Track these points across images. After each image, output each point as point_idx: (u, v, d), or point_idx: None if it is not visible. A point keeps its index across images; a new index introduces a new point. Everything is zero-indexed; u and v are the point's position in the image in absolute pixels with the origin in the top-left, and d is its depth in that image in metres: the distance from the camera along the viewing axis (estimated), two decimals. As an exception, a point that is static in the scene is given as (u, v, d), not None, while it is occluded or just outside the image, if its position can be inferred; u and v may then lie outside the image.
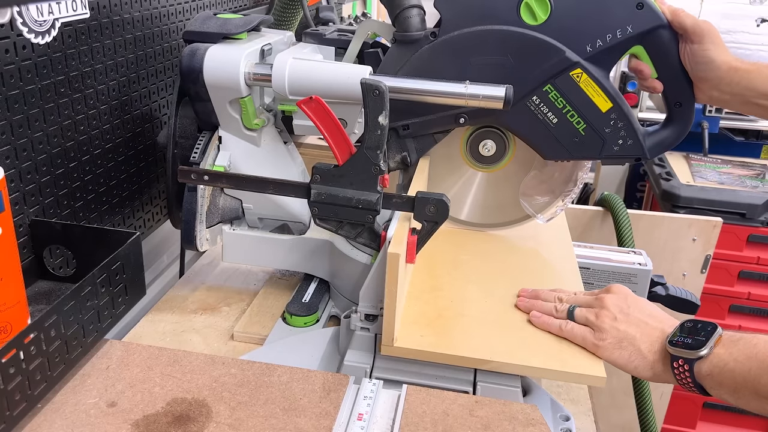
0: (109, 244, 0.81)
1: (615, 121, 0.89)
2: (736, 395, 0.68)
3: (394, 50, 0.91)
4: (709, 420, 1.96)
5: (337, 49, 0.99)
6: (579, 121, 0.90)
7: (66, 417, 0.68)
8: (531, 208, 1.01)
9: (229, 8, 1.39)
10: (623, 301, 0.80)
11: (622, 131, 0.90)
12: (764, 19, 2.58)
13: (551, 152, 0.93)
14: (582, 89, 0.88)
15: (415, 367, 0.79)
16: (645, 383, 1.35)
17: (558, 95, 0.88)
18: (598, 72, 0.87)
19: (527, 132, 0.92)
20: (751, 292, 1.90)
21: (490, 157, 0.99)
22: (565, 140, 0.91)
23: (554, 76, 0.87)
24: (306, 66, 0.87)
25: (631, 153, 0.91)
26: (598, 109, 0.89)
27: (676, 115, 0.93)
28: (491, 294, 0.89)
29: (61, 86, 0.88)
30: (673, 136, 0.93)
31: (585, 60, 0.86)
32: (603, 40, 0.86)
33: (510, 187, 1.02)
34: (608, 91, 0.88)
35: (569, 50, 0.86)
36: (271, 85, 0.88)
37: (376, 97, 0.76)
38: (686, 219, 1.56)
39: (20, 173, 0.83)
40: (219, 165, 0.95)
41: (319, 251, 1.00)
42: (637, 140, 0.90)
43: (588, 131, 0.90)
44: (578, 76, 0.87)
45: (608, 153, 0.91)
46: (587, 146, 0.91)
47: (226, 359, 0.78)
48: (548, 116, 0.90)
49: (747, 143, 2.29)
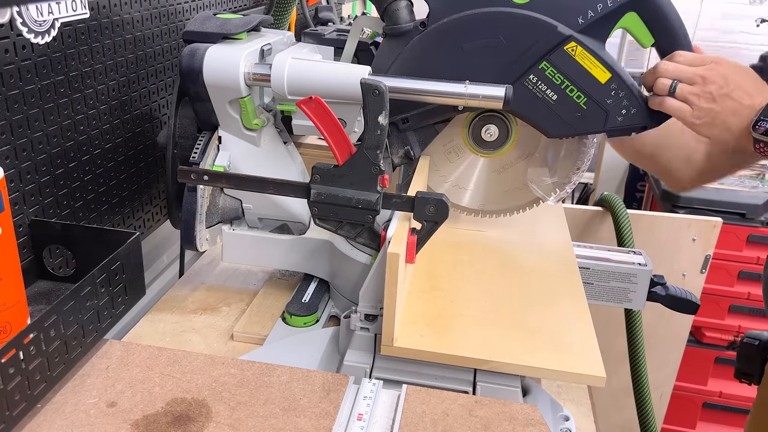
0: (108, 244, 0.81)
1: (616, 91, 0.87)
2: None
3: (386, 44, 0.90)
4: (709, 420, 1.97)
5: (336, 49, 0.99)
6: (579, 95, 0.88)
7: (66, 417, 0.68)
8: (540, 191, 0.99)
9: (228, 8, 1.39)
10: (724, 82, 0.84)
11: (625, 101, 0.88)
12: (764, 19, 2.59)
13: (555, 130, 0.91)
14: (578, 62, 0.86)
15: (415, 367, 0.79)
16: (645, 382, 1.35)
17: (555, 71, 0.87)
18: (593, 43, 0.85)
19: (528, 112, 0.90)
20: (750, 292, 1.90)
21: (494, 141, 0.98)
22: (567, 116, 0.89)
23: (549, 53, 0.86)
24: (305, 66, 0.87)
25: (636, 122, 0.89)
26: (597, 80, 0.87)
27: None
28: (491, 294, 0.89)
29: (61, 86, 0.88)
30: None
31: (578, 32, 0.85)
32: (594, 10, 0.85)
33: (516, 171, 1.00)
34: (605, 61, 0.86)
35: (561, 24, 0.85)
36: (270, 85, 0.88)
37: (376, 97, 0.76)
38: (686, 219, 1.56)
39: (20, 173, 0.83)
40: (219, 165, 0.95)
41: (319, 251, 1.00)
42: (641, 108, 0.88)
43: (589, 104, 0.88)
44: (573, 49, 0.85)
45: (613, 125, 0.89)
46: (590, 120, 0.89)
47: (225, 359, 0.78)
48: (547, 93, 0.88)
49: (747, 143, 2.29)
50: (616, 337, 1.42)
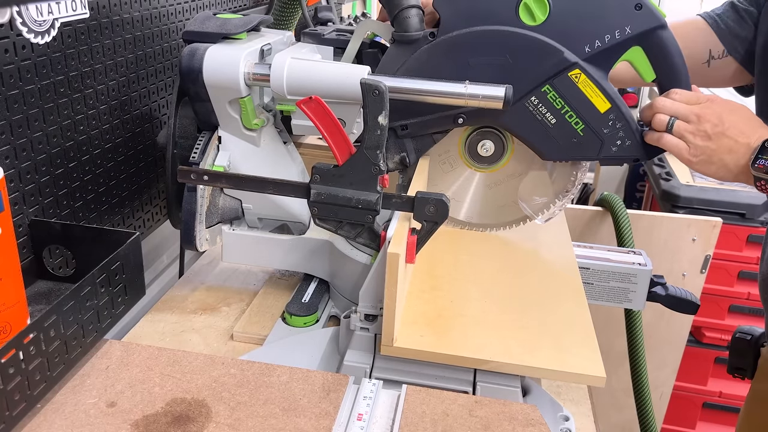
0: (108, 244, 0.80)
1: (613, 122, 0.89)
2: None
3: (393, 50, 0.91)
4: (709, 420, 1.97)
5: (335, 49, 0.99)
6: (577, 122, 0.89)
7: (65, 417, 0.68)
8: (529, 209, 1.01)
9: (228, 8, 1.39)
10: (719, 121, 0.84)
11: (621, 132, 0.90)
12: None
13: (550, 153, 0.93)
14: (580, 90, 0.88)
15: (415, 367, 0.79)
16: (645, 382, 1.36)
17: (556, 96, 0.88)
18: (596, 72, 0.87)
19: (526, 132, 0.92)
20: (750, 292, 1.90)
21: (489, 157, 0.99)
22: (563, 141, 0.91)
23: (553, 77, 0.87)
24: (304, 66, 0.87)
25: (630, 154, 0.91)
26: (597, 109, 0.89)
27: None
28: (491, 294, 0.89)
29: (61, 86, 0.88)
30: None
31: (583, 60, 0.86)
32: (602, 41, 0.86)
33: (508, 187, 1.02)
34: (607, 91, 0.88)
35: (568, 51, 0.86)
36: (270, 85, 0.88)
37: (376, 97, 0.76)
38: (686, 219, 1.56)
39: (20, 173, 0.83)
40: (218, 165, 0.95)
41: (319, 251, 1.00)
42: (636, 141, 0.90)
43: (586, 132, 0.90)
44: (577, 76, 0.87)
45: (606, 154, 0.91)
46: (586, 147, 0.91)
47: (225, 359, 0.78)
48: (547, 117, 0.90)
49: (746, 143, 2.29)
50: (616, 337, 1.42)
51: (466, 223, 1.06)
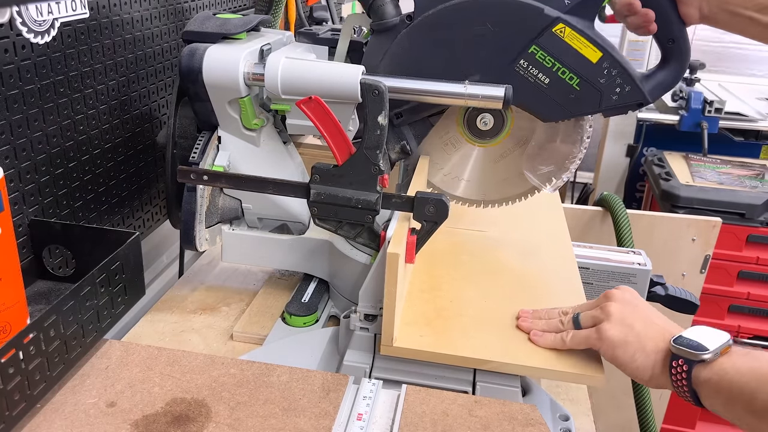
0: (108, 244, 0.81)
1: (608, 70, 0.86)
2: (729, 407, 0.66)
3: (374, 41, 0.89)
4: (709, 420, 1.97)
5: (330, 49, 0.99)
6: (572, 77, 0.87)
7: (65, 417, 0.68)
8: (536, 179, 0.98)
9: (228, 8, 1.39)
10: (631, 296, 0.78)
11: (618, 79, 0.86)
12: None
13: (549, 113, 0.90)
14: (568, 43, 0.85)
15: (415, 367, 0.79)
16: (644, 383, 1.35)
17: (545, 54, 0.86)
18: (581, 23, 0.84)
19: (521, 98, 0.88)
20: (750, 292, 1.90)
21: (489, 130, 0.96)
22: (561, 99, 0.88)
23: (537, 36, 0.85)
24: (298, 65, 0.87)
25: (632, 99, 0.88)
26: (589, 60, 0.86)
27: (671, 53, 0.89)
28: (490, 294, 0.89)
29: (61, 86, 0.88)
30: (671, 75, 0.90)
31: (565, 13, 0.84)
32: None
33: (513, 159, 0.99)
34: (595, 40, 0.85)
35: (547, 6, 0.84)
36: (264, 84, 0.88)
37: (376, 97, 0.76)
38: (685, 219, 1.56)
39: (19, 173, 0.83)
40: (218, 165, 0.95)
41: (319, 251, 1.00)
42: (635, 85, 0.87)
43: (583, 85, 0.87)
44: (561, 31, 0.84)
45: (608, 104, 0.88)
46: (585, 101, 0.88)
47: (225, 359, 0.78)
48: (539, 77, 0.87)
49: (746, 143, 2.29)
50: (616, 337, 1.42)
51: (474, 201, 1.04)
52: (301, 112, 0.79)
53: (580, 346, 0.77)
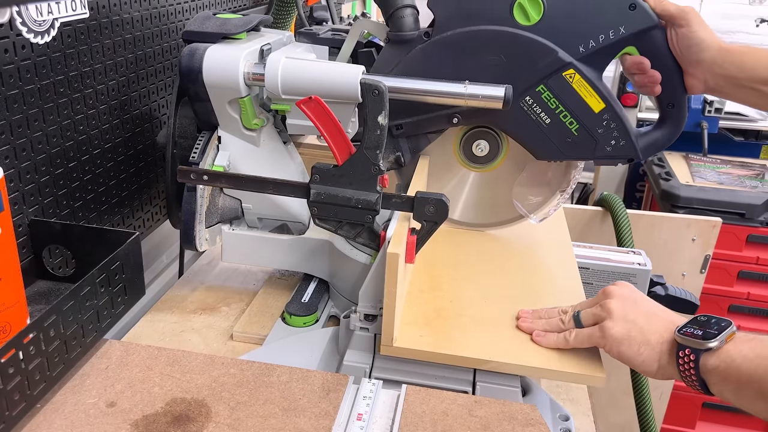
0: (108, 244, 0.80)
1: (608, 122, 0.89)
2: (739, 394, 0.66)
3: (388, 50, 0.91)
4: (709, 420, 1.97)
5: (330, 49, 0.99)
6: (572, 122, 0.90)
7: (65, 417, 0.68)
8: (524, 208, 1.01)
9: (228, 8, 1.39)
10: (630, 292, 0.78)
11: (615, 132, 0.90)
12: (764, 19, 2.59)
13: (544, 152, 0.93)
14: (575, 90, 0.88)
15: (415, 367, 0.79)
16: (645, 382, 1.36)
17: (551, 95, 0.88)
18: (591, 72, 0.87)
19: (520, 132, 0.92)
20: (750, 292, 1.90)
21: (484, 157, 0.99)
22: (557, 140, 0.91)
23: (547, 77, 0.87)
24: (299, 65, 0.87)
25: (624, 154, 0.91)
26: (591, 109, 0.89)
27: (669, 116, 0.92)
28: (490, 294, 0.89)
29: (61, 86, 0.88)
30: (666, 136, 0.93)
31: (578, 60, 0.86)
32: (596, 41, 0.86)
33: (503, 186, 1.02)
34: (601, 91, 0.88)
35: (562, 51, 0.86)
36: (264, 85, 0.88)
37: (376, 97, 0.76)
38: (685, 219, 1.56)
39: (19, 173, 0.83)
40: (218, 165, 0.95)
41: (319, 251, 1.00)
42: (630, 141, 0.90)
43: (581, 132, 0.90)
44: (571, 76, 0.87)
45: (601, 153, 0.91)
46: (580, 147, 0.91)
47: (225, 359, 0.78)
48: (541, 116, 0.90)
49: (746, 143, 2.29)
50: (616, 337, 1.42)
51: (461, 223, 1.06)
52: (301, 112, 0.79)
53: (583, 344, 0.77)
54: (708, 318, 0.72)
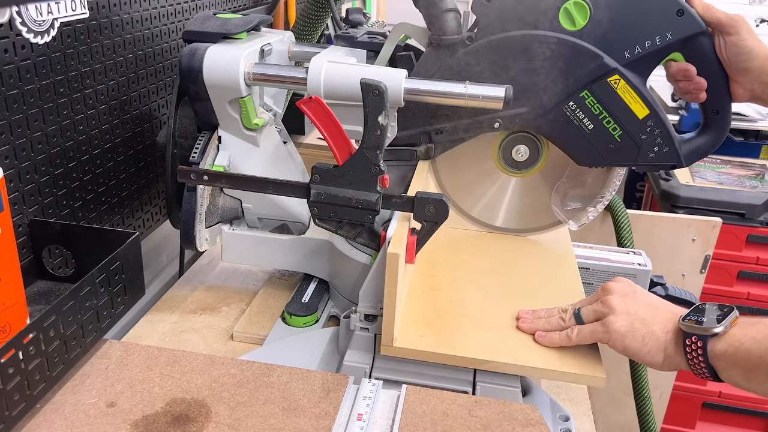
0: (108, 244, 0.80)
1: (651, 128, 0.88)
2: (749, 376, 0.66)
3: (430, 53, 0.90)
4: (709, 420, 1.96)
5: (368, 52, 0.99)
6: (615, 128, 0.89)
7: (65, 417, 0.68)
8: (563, 215, 1.00)
9: (228, 8, 1.39)
10: (629, 286, 0.78)
11: (659, 138, 0.89)
12: (764, 19, 2.59)
13: (586, 158, 0.92)
14: (619, 95, 0.87)
15: (415, 367, 0.79)
16: (645, 383, 1.35)
17: (595, 101, 0.88)
18: (635, 78, 0.86)
19: (562, 137, 0.91)
20: (750, 292, 1.90)
21: (523, 162, 0.98)
22: (600, 146, 0.90)
23: (592, 82, 0.87)
24: (342, 69, 0.87)
25: (667, 161, 0.90)
26: (635, 115, 0.88)
27: (713, 123, 0.92)
28: (491, 294, 0.89)
29: (61, 86, 0.88)
30: (709, 143, 0.92)
31: (623, 66, 0.86)
32: (642, 47, 0.85)
33: (542, 192, 1.01)
34: (645, 97, 0.87)
35: (607, 56, 0.85)
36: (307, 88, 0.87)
37: (376, 97, 0.76)
38: (685, 219, 1.56)
39: (19, 173, 0.83)
40: (218, 165, 0.95)
41: (319, 251, 1.00)
42: (673, 147, 0.89)
43: (624, 138, 0.89)
44: (616, 82, 0.86)
45: (643, 160, 0.90)
46: (622, 153, 0.90)
47: (225, 359, 0.78)
48: (584, 122, 0.89)
49: (746, 143, 2.29)
50: (616, 337, 1.42)
51: (502, 229, 1.06)
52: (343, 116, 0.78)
53: (586, 341, 0.77)
54: (709, 305, 0.72)
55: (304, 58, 1.03)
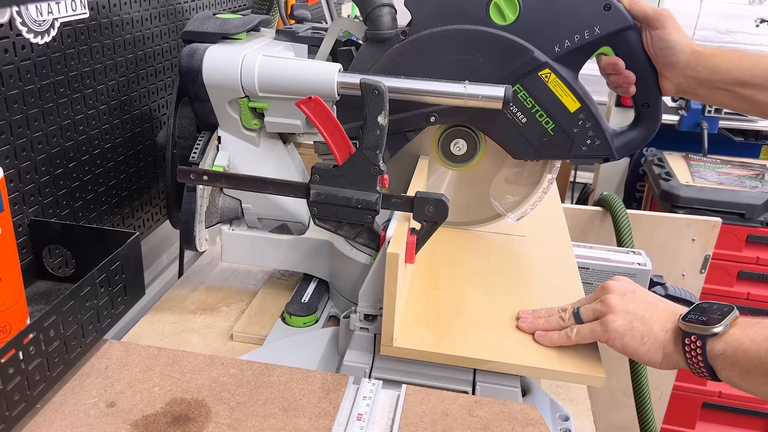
0: (108, 244, 0.81)
1: (583, 122, 0.90)
2: (748, 378, 0.66)
3: (365, 48, 0.91)
4: (709, 420, 1.97)
5: (310, 47, 0.99)
6: (548, 121, 0.90)
7: (65, 417, 0.68)
8: (501, 207, 1.01)
9: (228, 8, 1.39)
10: (628, 285, 0.79)
11: (591, 131, 0.90)
12: (763, 19, 2.59)
13: (521, 152, 0.93)
14: (550, 89, 0.88)
15: (415, 367, 0.79)
16: (645, 383, 1.36)
17: (527, 95, 0.89)
18: (566, 72, 0.88)
19: (497, 131, 0.92)
20: (750, 292, 1.90)
21: (462, 155, 0.99)
22: (534, 140, 0.91)
23: (523, 76, 0.88)
24: (275, 63, 0.88)
25: (600, 153, 0.92)
26: (567, 109, 0.89)
27: (644, 116, 0.93)
28: (490, 294, 0.89)
29: (61, 86, 0.88)
30: (641, 136, 0.94)
31: (553, 60, 0.87)
32: (571, 41, 0.86)
33: (481, 185, 1.02)
34: (576, 91, 0.88)
35: (538, 50, 0.87)
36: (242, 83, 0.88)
37: (376, 97, 0.76)
38: (685, 219, 1.56)
39: (19, 173, 0.83)
40: (218, 165, 0.95)
41: (319, 251, 1.00)
42: (605, 140, 0.91)
43: (557, 131, 0.90)
44: (547, 76, 0.87)
45: (577, 152, 0.92)
46: (556, 146, 0.91)
47: (225, 359, 0.78)
48: (517, 116, 0.90)
49: (746, 143, 2.29)
50: (616, 337, 1.42)
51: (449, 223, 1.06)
52: (281, 110, 0.80)
53: (585, 340, 0.77)
54: (709, 304, 0.72)
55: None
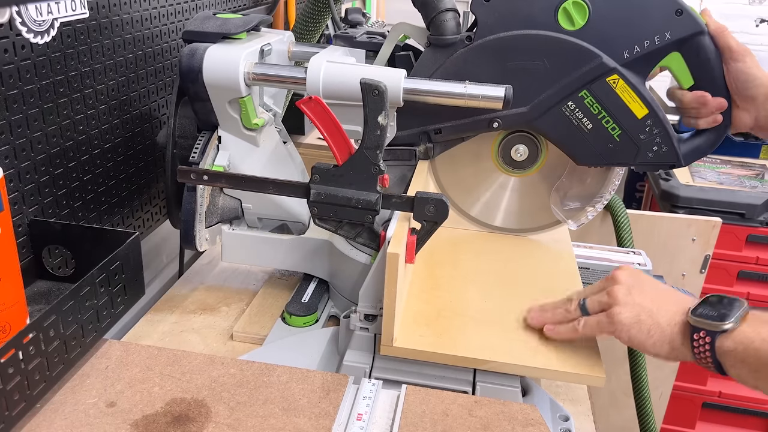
0: (108, 243, 0.80)
1: (650, 128, 0.88)
2: (758, 375, 0.66)
3: (429, 53, 0.90)
4: (709, 420, 1.97)
5: (367, 52, 0.99)
6: (614, 128, 0.89)
7: (65, 417, 0.68)
8: (561, 214, 1.00)
9: (228, 8, 1.39)
10: (635, 276, 0.78)
11: (657, 138, 0.89)
12: (763, 19, 2.59)
13: (585, 158, 0.92)
14: (618, 95, 0.87)
15: (415, 367, 0.79)
16: (645, 382, 1.35)
17: (594, 101, 0.87)
18: (634, 78, 0.86)
19: (561, 137, 0.91)
20: (750, 292, 1.90)
21: (522, 161, 0.98)
22: (599, 146, 0.90)
23: (590, 82, 0.86)
24: (340, 69, 0.87)
25: (666, 160, 0.90)
26: (634, 115, 0.88)
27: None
28: (491, 294, 0.89)
29: (60, 86, 0.88)
30: (708, 142, 0.92)
31: (622, 66, 0.86)
32: (641, 46, 0.85)
33: (541, 192, 1.01)
34: (644, 97, 0.87)
35: (606, 56, 0.85)
36: (306, 88, 0.87)
37: (376, 97, 0.76)
38: (685, 219, 1.56)
39: (19, 173, 0.83)
40: (218, 165, 0.95)
41: (319, 251, 1.00)
42: (672, 147, 0.89)
43: (623, 137, 0.89)
44: (615, 82, 0.86)
45: (642, 159, 0.90)
46: (621, 152, 0.90)
47: (225, 359, 0.78)
48: (583, 122, 0.89)
49: (746, 143, 2.29)
50: (616, 337, 1.42)
51: (501, 229, 1.06)
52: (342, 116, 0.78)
53: (593, 331, 0.77)
54: (719, 298, 0.71)
55: (303, 58, 1.03)
